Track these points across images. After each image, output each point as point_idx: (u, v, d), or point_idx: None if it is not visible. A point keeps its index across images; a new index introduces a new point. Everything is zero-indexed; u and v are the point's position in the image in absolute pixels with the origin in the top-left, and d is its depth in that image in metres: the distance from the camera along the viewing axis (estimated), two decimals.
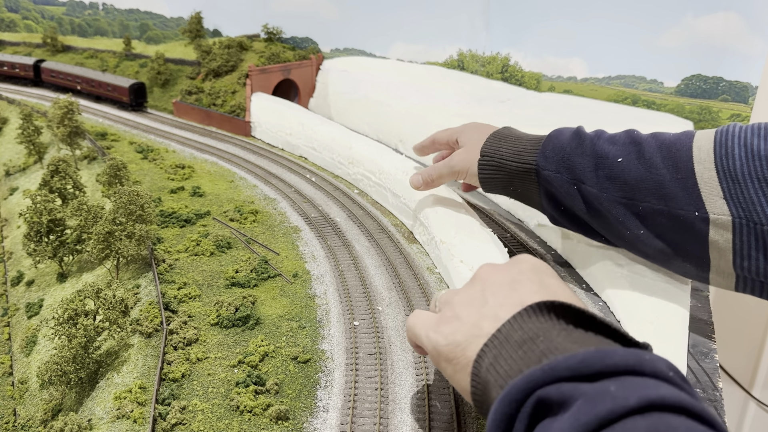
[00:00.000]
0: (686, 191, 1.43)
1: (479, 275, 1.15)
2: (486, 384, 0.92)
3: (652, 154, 1.48)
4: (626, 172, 1.51)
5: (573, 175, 1.58)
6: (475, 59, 3.57)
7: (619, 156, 1.52)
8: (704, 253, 1.47)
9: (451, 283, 1.88)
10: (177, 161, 3.14)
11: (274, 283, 1.98)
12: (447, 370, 1.06)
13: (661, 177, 1.46)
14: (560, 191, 1.63)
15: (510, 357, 0.90)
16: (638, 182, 1.49)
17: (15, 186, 3.59)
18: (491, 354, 0.93)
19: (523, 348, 0.89)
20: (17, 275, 2.69)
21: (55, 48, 5.48)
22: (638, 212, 1.51)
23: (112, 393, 1.54)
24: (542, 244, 2.20)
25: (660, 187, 1.46)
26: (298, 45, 4.21)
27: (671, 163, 1.46)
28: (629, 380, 0.74)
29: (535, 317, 0.94)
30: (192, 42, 4.56)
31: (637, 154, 1.51)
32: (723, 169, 1.39)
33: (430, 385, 1.44)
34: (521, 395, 0.78)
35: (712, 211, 1.40)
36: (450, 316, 1.08)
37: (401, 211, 2.40)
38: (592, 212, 1.61)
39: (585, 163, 1.56)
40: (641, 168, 1.49)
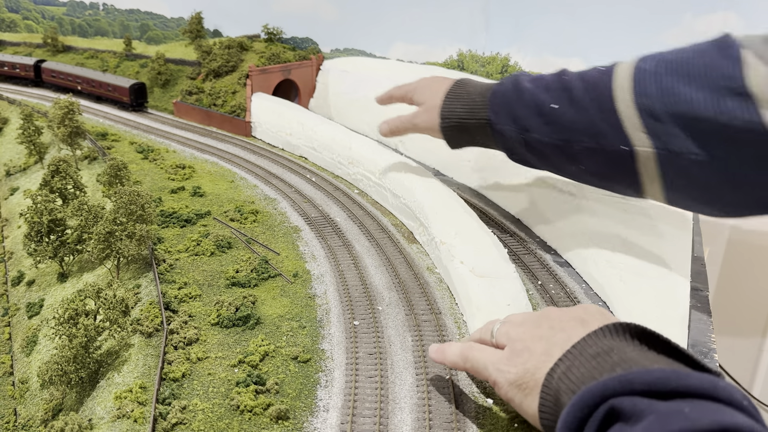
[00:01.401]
0: (612, 128, 1.58)
1: (546, 314, 1.22)
2: (557, 392, 0.99)
3: (580, 98, 1.65)
4: (561, 116, 1.69)
5: (519, 125, 1.79)
6: (474, 59, 3.57)
7: (553, 102, 1.70)
8: (637, 180, 1.63)
9: (450, 284, 1.88)
10: (177, 161, 3.14)
11: (274, 282, 1.98)
12: (516, 397, 1.13)
13: (590, 117, 1.63)
14: (511, 140, 1.83)
15: (583, 366, 0.97)
16: (572, 124, 1.67)
17: (16, 186, 3.59)
18: (564, 365, 1.00)
19: (596, 359, 0.96)
20: (18, 275, 2.69)
21: (55, 48, 5.49)
22: (576, 151, 1.68)
23: (112, 392, 1.55)
24: (542, 244, 2.20)
25: (590, 127, 1.63)
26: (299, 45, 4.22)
27: (597, 104, 1.61)
28: (703, 404, 0.78)
29: (609, 336, 1.01)
30: (192, 42, 4.56)
31: (568, 100, 1.67)
32: (641, 107, 1.52)
33: (430, 385, 1.45)
34: (595, 401, 0.84)
35: (636, 144, 1.55)
36: (520, 348, 1.16)
37: (401, 211, 2.41)
38: (539, 156, 1.81)
39: (527, 113, 1.76)
40: (573, 111, 1.66)
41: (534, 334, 1.16)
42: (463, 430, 1.31)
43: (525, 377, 1.10)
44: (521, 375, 1.11)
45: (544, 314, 1.22)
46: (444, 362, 1.34)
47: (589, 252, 1.94)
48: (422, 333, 1.66)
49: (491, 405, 1.38)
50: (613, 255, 1.85)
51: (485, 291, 1.70)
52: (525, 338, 1.17)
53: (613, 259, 1.84)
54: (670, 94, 1.49)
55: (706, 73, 1.45)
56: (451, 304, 1.83)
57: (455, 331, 1.68)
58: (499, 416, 1.35)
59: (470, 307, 1.70)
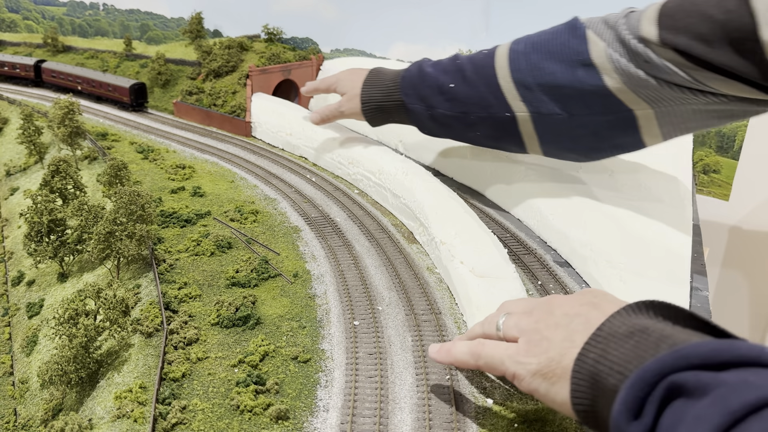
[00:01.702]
0: (497, 99, 2.03)
1: (554, 302, 1.21)
2: (593, 376, 0.98)
3: (471, 77, 2.08)
4: (458, 93, 2.13)
5: (426, 103, 2.23)
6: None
7: (451, 83, 2.13)
8: (520, 139, 2.09)
9: (450, 284, 1.88)
10: (177, 161, 3.14)
11: (274, 282, 1.98)
12: (541, 386, 1.11)
13: (480, 92, 2.06)
14: (421, 116, 2.28)
15: (621, 347, 0.95)
16: (467, 99, 2.11)
17: (16, 186, 3.59)
18: (597, 349, 0.99)
19: (633, 338, 0.95)
20: (18, 275, 2.69)
21: (55, 48, 5.49)
22: (472, 120, 2.14)
23: (112, 392, 1.55)
24: (542, 244, 2.20)
25: (481, 100, 2.06)
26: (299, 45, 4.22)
27: (484, 80, 2.05)
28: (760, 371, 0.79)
29: (634, 315, 1.01)
30: (192, 42, 4.56)
31: (462, 79, 2.11)
32: (516, 80, 1.97)
33: (430, 385, 1.45)
34: (654, 379, 0.84)
35: (516, 110, 2.01)
36: (538, 338, 1.15)
37: (401, 211, 2.41)
38: (444, 127, 2.26)
39: (431, 93, 2.20)
40: (467, 88, 2.10)
41: (549, 323, 1.15)
42: (463, 430, 1.31)
43: (550, 366, 1.09)
44: (545, 364, 1.10)
45: (551, 301, 1.22)
46: (452, 362, 1.32)
47: (589, 253, 1.94)
48: (422, 333, 1.66)
49: (491, 405, 1.39)
50: (613, 255, 1.85)
51: (485, 291, 1.71)
52: (540, 327, 1.16)
53: (613, 259, 1.84)
54: (537, 69, 1.91)
55: (562, 50, 1.87)
56: (451, 304, 1.83)
57: (455, 331, 1.68)
58: (499, 416, 1.35)
59: (470, 307, 1.70)
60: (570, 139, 2.00)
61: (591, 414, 1.00)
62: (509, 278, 1.77)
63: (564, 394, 1.05)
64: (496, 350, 1.22)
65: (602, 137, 1.95)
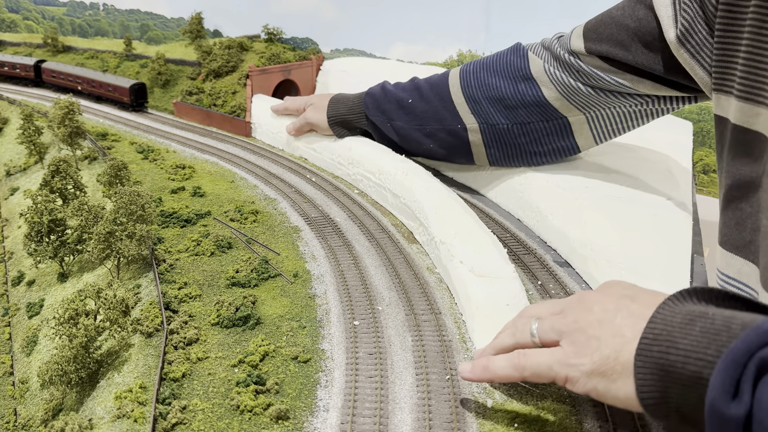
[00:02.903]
0: (451, 113, 2.34)
1: (587, 298, 1.20)
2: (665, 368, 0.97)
3: (427, 94, 2.41)
4: (415, 108, 2.45)
5: (386, 116, 2.55)
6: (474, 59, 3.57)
7: (409, 98, 2.46)
8: (469, 150, 2.41)
9: (450, 284, 1.89)
10: (178, 161, 3.14)
11: (274, 282, 1.98)
12: (600, 385, 1.09)
13: (435, 107, 2.38)
14: (382, 127, 2.59)
15: (688, 334, 0.95)
16: (423, 113, 2.43)
17: (16, 186, 3.60)
18: (661, 339, 0.99)
19: (696, 325, 0.96)
20: (18, 275, 2.69)
21: (55, 48, 5.49)
22: (427, 132, 2.45)
23: (112, 392, 1.55)
24: (542, 244, 2.20)
25: (436, 114, 2.38)
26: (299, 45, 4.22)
27: (439, 97, 2.37)
28: None
29: (682, 303, 1.02)
30: (192, 42, 4.57)
31: (419, 96, 2.44)
32: (467, 96, 2.29)
33: (430, 385, 1.45)
34: (744, 359, 0.85)
35: (467, 122, 2.32)
36: (584, 339, 1.13)
37: (401, 211, 2.41)
38: (401, 138, 2.56)
39: (391, 107, 2.53)
40: (423, 104, 2.42)
41: (590, 320, 1.14)
42: (463, 430, 1.31)
43: (606, 363, 1.07)
44: (600, 363, 1.08)
45: (584, 299, 1.20)
46: (491, 379, 1.30)
47: (588, 253, 1.94)
48: (422, 333, 1.66)
49: (491, 405, 1.39)
50: (613, 255, 1.85)
51: (485, 291, 1.71)
52: (583, 327, 1.14)
53: (613, 259, 1.84)
54: (485, 84, 2.24)
55: (506, 67, 2.21)
56: (450, 304, 1.83)
57: (455, 331, 1.68)
58: (499, 416, 1.35)
59: (469, 306, 1.70)
60: (513, 146, 2.31)
61: (661, 405, 0.99)
62: (509, 278, 1.77)
63: (627, 390, 1.04)
64: (541, 358, 1.19)
65: (541, 143, 2.26)
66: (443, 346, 1.60)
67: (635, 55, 1.83)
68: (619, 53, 1.86)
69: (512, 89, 2.17)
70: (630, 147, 2.56)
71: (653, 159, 2.51)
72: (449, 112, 2.34)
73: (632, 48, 1.83)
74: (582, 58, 1.98)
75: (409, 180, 2.39)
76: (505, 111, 2.21)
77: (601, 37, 1.90)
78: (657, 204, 2.11)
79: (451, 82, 2.34)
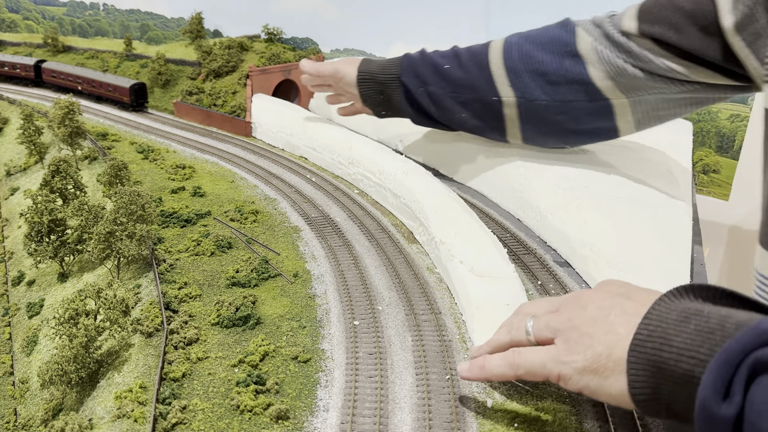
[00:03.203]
0: (487, 84, 2.23)
1: (583, 296, 1.19)
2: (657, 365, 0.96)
3: (466, 62, 2.30)
4: (451, 75, 2.33)
5: (421, 80, 2.41)
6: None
7: (446, 64, 2.34)
8: (502, 125, 2.29)
9: (450, 283, 1.89)
10: (178, 161, 3.15)
11: (274, 282, 1.98)
12: (592, 383, 1.09)
13: (472, 76, 2.27)
14: (415, 92, 2.43)
15: (682, 332, 0.95)
16: (459, 80, 2.30)
17: (16, 186, 3.60)
18: (655, 337, 0.98)
19: (690, 323, 0.95)
20: (18, 275, 2.70)
21: (55, 48, 5.49)
22: (461, 101, 2.33)
23: (112, 392, 1.55)
24: (542, 244, 2.20)
25: (472, 83, 2.27)
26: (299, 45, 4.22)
27: (477, 66, 2.26)
28: None
29: (678, 299, 1.01)
30: (193, 42, 4.57)
31: (457, 63, 2.32)
32: (508, 67, 2.17)
33: (430, 385, 1.45)
34: (737, 359, 0.84)
35: (503, 95, 2.20)
36: (577, 336, 1.12)
37: (401, 211, 2.41)
38: (435, 105, 2.41)
39: (427, 71, 2.39)
40: (460, 72, 2.30)
41: (584, 318, 1.13)
42: (463, 430, 1.31)
43: (599, 360, 1.07)
44: (592, 360, 1.08)
45: (580, 297, 1.20)
46: (487, 378, 1.30)
47: (588, 253, 1.94)
48: (422, 333, 1.66)
49: (491, 405, 1.39)
50: (613, 255, 1.85)
51: (485, 290, 1.71)
52: (576, 324, 1.14)
53: (613, 259, 1.84)
54: (528, 57, 2.13)
55: (552, 42, 2.10)
56: (450, 303, 1.83)
57: (455, 330, 1.68)
58: (499, 416, 1.35)
59: (469, 306, 1.70)
60: (550, 123, 2.20)
61: (653, 402, 0.99)
62: (509, 278, 1.77)
63: (620, 386, 1.04)
64: (535, 355, 1.19)
65: (580, 122, 2.16)
66: (443, 346, 1.60)
67: (689, 39, 1.75)
68: (673, 36, 1.78)
69: (556, 65, 2.07)
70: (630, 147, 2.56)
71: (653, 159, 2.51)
72: (486, 82, 2.23)
73: (686, 31, 1.75)
74: (634, 40, 1.89)
75: (409, 180, 2.39)
76: (546, 86, 2.10)
77: (655, 19, 1.82)
78: (657, 204, 2.11)
79: (491, 52, 2.23)
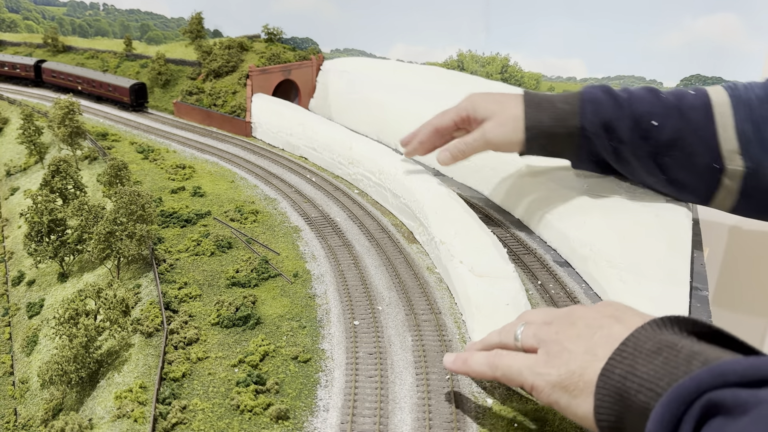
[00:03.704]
0: (708, 148, 1.79)
1: (575, 313, 1.18)
2: (621, 391, 0.95)
3: (677, 117, 1.83)
4: (659, 132, 1.85)
5: (612, 135, 1.89)
6: (474, 60, 3.57)
7: (654, 119, 1.85)
8: (712, 192, 1.87)
9: (450, 283, 1.89)
10: (178, 161, 3.14)
11: (274, 282, 1.98)
12: (561, 399, 1.08)
13: (688, 137, 1.82)
14: (599, 148, 1.93)
15: (650, 363, 0.93)
16: (669, 141, 1.84)
17: (16, 186, 3.60)
18: (624, 364, 0.96)
19: (661, 355, 0.93)
20: (18, 275, 2.69)
21: (55, 48, 5.49)
22: (663, 162, 1.88)
23: (112, 392, 1.55)
24: (542, 244, 2.20)
25: (686, 145, 1.82)
26: (299, 46, 4.22)
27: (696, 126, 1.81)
28: None
29: (659, 330, 0.98)
30: (193, 42, 4.57)
31: (667, 117, 1.84)
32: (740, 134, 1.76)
33: (430, 384, 1.45)
34: (691, 397, 0.82)
35: (729, 163, 1.79)
36: (558, 350, 1.12)
37: (401, 211, 2.41)
38: (622, 162, 1.96)
39: (624, 126, 1.87)
40: (671, 130, 1.83)
41: (569, 334, 1.12)
42: (463, 430, 1.31)
43: (571, 378, 1.06)
44: (565, 376, 1.07)
45: (572, 313, 1.19)
46: (467, 373, 1.30)
47: (588, 253, 1.94)
48: (422, 333, 1.66)
49: (491, 405, 1.39)
50: (613, 255, 1.85)
51: (484, 290, 1.71)
52: (560, 338, 1.13)
53: (613, 259, 1.84)
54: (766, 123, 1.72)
55: None
56: (450, 303, 1.83)
57: (455, 330, 1.68)
58: (499, 416, 1.35)
59: (469, 306, 1.70)
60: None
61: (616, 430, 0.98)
62: (508, 278, 1.77)
63: (586, 408, 1.03)
64: (514, 361, 1.19)
65: None
66: (443, 345, 1.60)
67: None
68: None
69: None
70: None
71: None
72: (706, 147, 1.80)
73: None
74: None
75: (409, 180, 2.39)
76: None
77: None
78: (657, 204, 2.11)
79: (716, 110, 1.80)
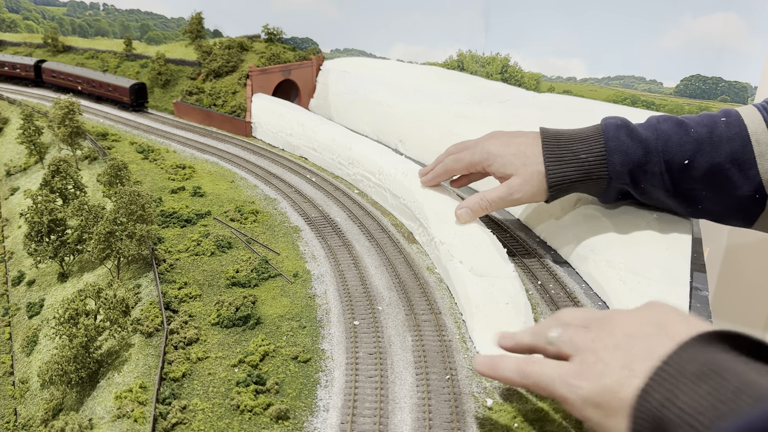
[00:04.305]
0: (747, 179, 1.68)
1: (614, 318, 1.10)
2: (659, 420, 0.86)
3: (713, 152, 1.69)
4: (692, 170, 1.72)
5: (639, 181, 1.79)
6: (474, 60, 3.57)
7: (684, 158, 1.71)
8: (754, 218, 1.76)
9: (450, 283, 1.89)
10: (178, 161, 3.15)
11: (274, 282, 1.98)
12: (594, 416, 1.00)
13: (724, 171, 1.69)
14: (628, 188, 1.84)
15: (694, 392, 0.83)
16: (703, 177, 1.72)
17: (16, 186, 3.59)
18: (664, 389, 0.88)
19: (707, 382, 0.83)
20: (18, 275, 2.69)
21: (56, 48, 5.49)
22: (699, 196, 1.77)
23: (112, 392, 1.55)
24: (542, 244, 2.20)
25: (722, 179, 1.71)
26: (299, 45, 4.22)
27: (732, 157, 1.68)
28: None
29: (705, 348, 0.89)
30: (193, 42, 4.57)
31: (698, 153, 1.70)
32: None
33: (430, 384, 1.45)
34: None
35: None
36: (593, 361, 1.02)
37: (401, 212, 2.41)
38: (654, 199, 1.87)
39: (654, 170, 1.75)
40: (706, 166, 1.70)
41: (607, 343, 1.03)
42: (463, 430, 1.31)
43: (604, 395, 0.97)
44: (598, 392, 0.98)
45: (612, 318, 1.10)
46: (495, 377, 1.22)
47: (589, 253, 1.94)
48: (422, 333, 1.66)
49: (491, 405, 1.39)
50: (613, 255, 1.85)
51: (484, 290, 1.71)
52: (597, 347, 1.04)
53: (613, 259, 1.84)
54: None
55: None
56: (450, 303, 1.83)
57: (455, 330, 1.69)
58: (499, 416, 1.35)
59: (469, 306, 1.70)
60: None
61: None
62: (508, 277, 1.77)
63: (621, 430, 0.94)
64: (547, 369, 1.10)
65: None
66: (443, 345, 1.60)
67: None
68: None
69: None
70: None
71: None
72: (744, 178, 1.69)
73: None
74: None
75: (408, 180, 2.39)
76: None
77: None
78: None
79: (754, 138, 1.67)
